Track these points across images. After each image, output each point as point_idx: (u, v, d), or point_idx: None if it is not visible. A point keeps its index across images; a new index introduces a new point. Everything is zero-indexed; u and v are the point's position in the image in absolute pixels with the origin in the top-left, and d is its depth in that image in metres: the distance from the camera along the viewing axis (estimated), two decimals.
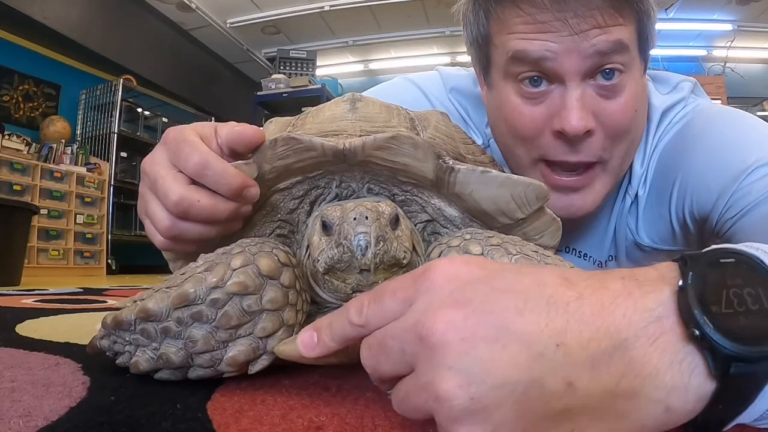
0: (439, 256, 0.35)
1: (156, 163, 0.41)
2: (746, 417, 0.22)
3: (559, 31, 0.54)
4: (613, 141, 0.60)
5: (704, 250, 0.24)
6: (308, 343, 0.29)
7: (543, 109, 0.59)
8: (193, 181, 0.40)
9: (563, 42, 0.55)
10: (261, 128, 0.44)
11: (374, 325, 0.25)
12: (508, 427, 0.21)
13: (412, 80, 0.81)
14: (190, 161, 0.39)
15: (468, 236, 0.38)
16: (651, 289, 0.22)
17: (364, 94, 0.53)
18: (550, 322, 0.21)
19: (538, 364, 0.21)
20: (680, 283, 0.22)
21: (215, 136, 0.43)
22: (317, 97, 4.18)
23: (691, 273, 0.22)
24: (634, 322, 0.21)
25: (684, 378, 0.21)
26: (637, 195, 0.69)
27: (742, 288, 0.21)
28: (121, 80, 4.43)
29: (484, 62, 0.65)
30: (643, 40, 0.59)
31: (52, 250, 3.79)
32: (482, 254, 0.35)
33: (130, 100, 4.61)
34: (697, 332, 0.21)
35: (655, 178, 0.67)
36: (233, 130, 0.42)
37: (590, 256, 0.79)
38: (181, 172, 0.40)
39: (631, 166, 0.70)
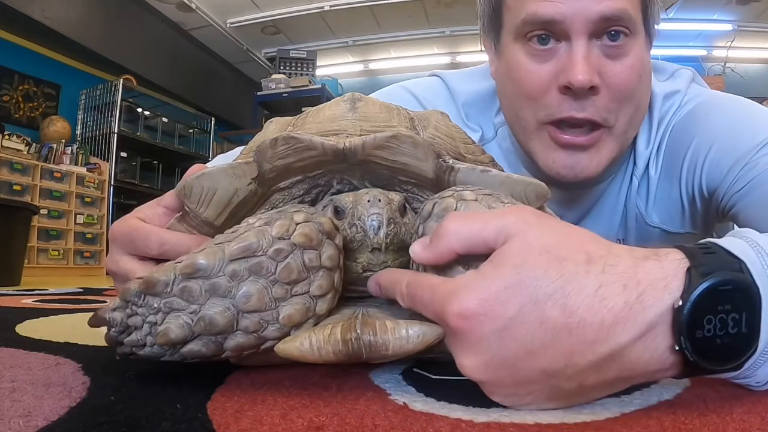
0: (433, 208, 0.36)
1: (118, 261, 0.45)
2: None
3: None
4: (619, 103, 0.62)
5: (714, 260, 0.28)
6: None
7: (550, 67, 0.62)
8: (156, 260, 0.43)
9: (571, 5, 0.58)
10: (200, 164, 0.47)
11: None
12: None
13: (407, 88, 0.83)
14: (151, 245, 0.43)
15: (460, 188, 0.38)
16: (652, 303, 0.27)
17: None
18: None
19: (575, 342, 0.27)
20: (679, 303, 0.26)
21: (158, 207, 0.46)
22: (317, 97, 4.18)
23: (687, 298, 0.26)
24: (635, 329, 0.26)
25: (664, 372, 0.28)
26: (648, 174, 0.71)
27: (728, 313, 0.26)
28: (121, 80, 4.43)
29: (496, 27, 0.68)
30: (647, 14, 0.63)
31: (52, 250, 3.79)
32: (476, 200, 0.36)
33: (130, 100, 4.60)
34: (678, 348, 0.26)
35: (665, 158, 0.70)
36: (173, 193, 0.45)
37: None
38: (143, 258, 0.44)
39: (635, 146, 0.72)
